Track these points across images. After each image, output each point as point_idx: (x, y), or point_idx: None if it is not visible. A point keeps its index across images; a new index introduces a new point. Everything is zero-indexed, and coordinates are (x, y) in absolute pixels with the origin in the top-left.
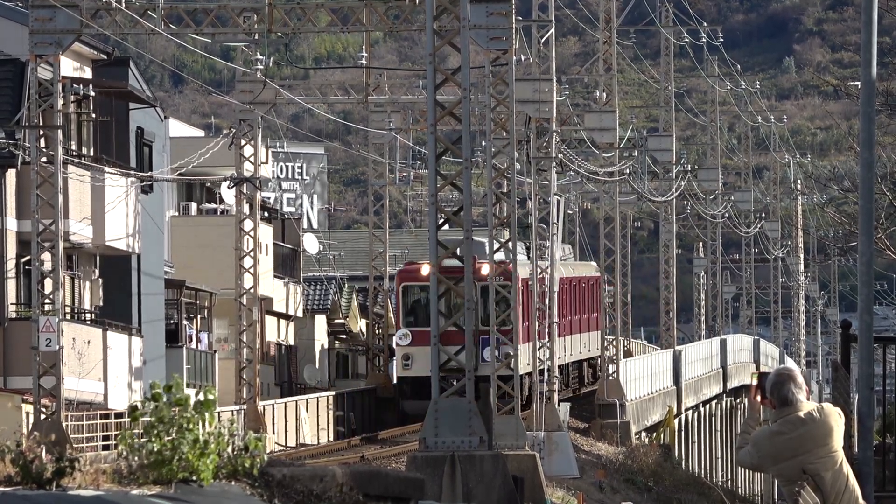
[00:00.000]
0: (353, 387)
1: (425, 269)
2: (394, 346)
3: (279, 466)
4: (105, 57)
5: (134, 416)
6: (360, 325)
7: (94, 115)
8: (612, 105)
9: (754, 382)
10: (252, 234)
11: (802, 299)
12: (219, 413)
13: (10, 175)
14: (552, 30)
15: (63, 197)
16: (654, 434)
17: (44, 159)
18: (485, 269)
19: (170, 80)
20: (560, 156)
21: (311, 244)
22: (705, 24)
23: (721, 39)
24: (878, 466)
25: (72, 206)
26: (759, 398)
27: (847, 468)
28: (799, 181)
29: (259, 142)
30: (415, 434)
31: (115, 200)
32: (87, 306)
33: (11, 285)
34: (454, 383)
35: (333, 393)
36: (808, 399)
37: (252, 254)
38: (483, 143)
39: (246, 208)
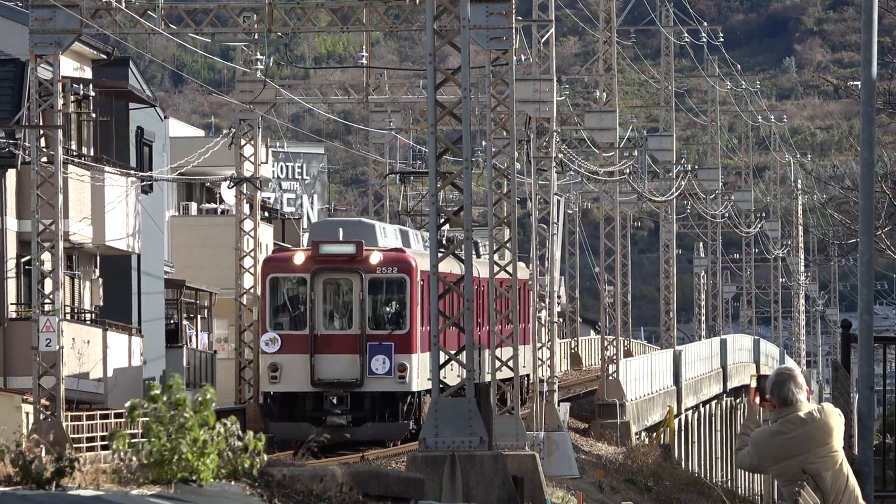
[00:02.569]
0: None
1: (299, 258)
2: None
3: (279, 466)
4: (105, 57)
5: (133, 416)
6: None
7: (94, 115)
8: (612, 105)
9: (753, 385)
10: (252, 234)
11: (802, 299)
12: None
13: (10, 175)
14: (552, 30)
15: (63, 197)
16: (654, 434)
17: (44, 159)
18: (374, 258)
19: (170, 80)
20: (560, 156)
21: None
22: (705, 23)
23: (721, 39)
24: (878, 466)
25: (72, 206)
26: (757, 400)
27: (847, 468)
28: (799, 181)
29: (259, 142)
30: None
31: (115, 200)
32: (87, 306)
33: (11, 285)
34: (334, 402)
35: None
36: (808, 399)
37: (252, 254)
38: (483, 143)
39: (246, 208)
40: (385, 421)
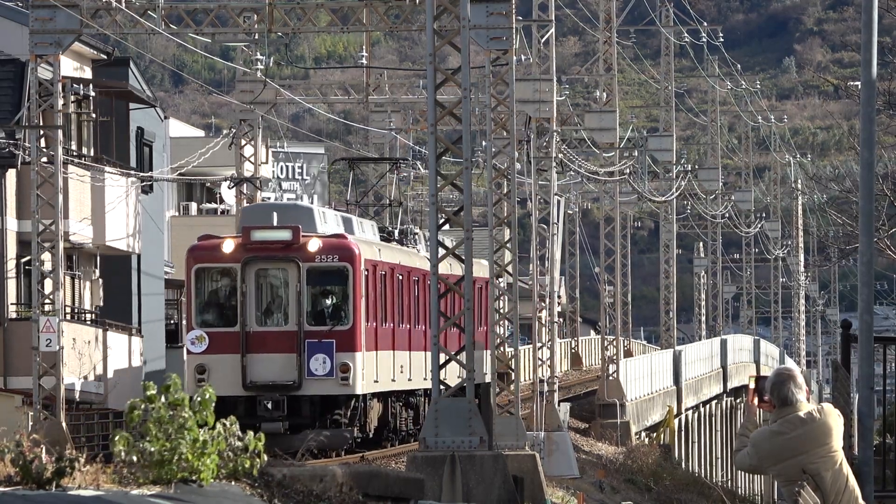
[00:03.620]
0: None
1: (228, 246)
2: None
3: (279, 466)
4: (105, 57)
5: (132, 416)
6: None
7: (94, 115)
8: (612, 105)
9: (752, 386)
10: None
11: (802, 299)
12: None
13: (10, 175)
14: (552, 30)
15: (63, 197)
16: (654, 434)
17: (44, 159)
18: (312, 245)
19: (170, 80)
20: (560, 156)
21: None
22: (705, 23)
23: (721, 39)
24: (878, 466)
25: (72, 206)
26: (756, 401)
27: (847, 468)
28: (799, 181)
29: (259, 142)
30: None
31: (115, 200)
32: (87, 306)
33: (11, 285)
34: (268, 407)
35: None
36: (808, 399)
37: None
38: (483, 143)
39: None
40: (326, 428)
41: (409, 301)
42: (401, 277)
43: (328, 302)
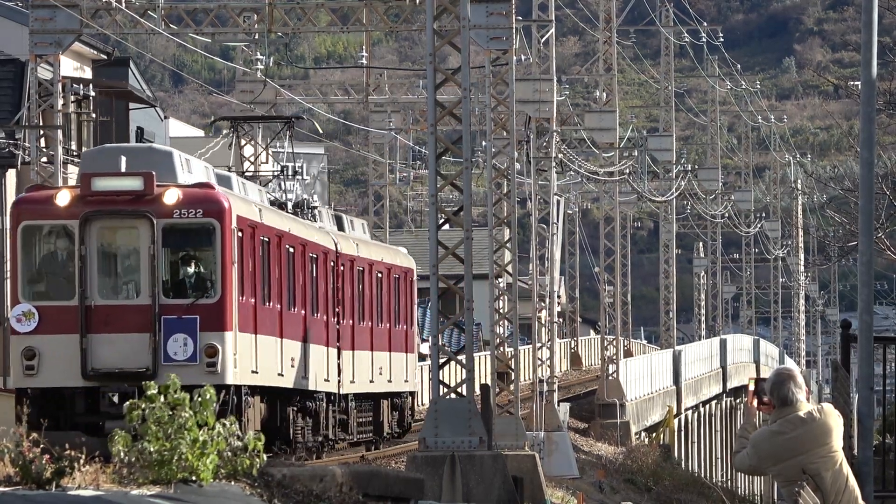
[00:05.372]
0: None
1: (63, 198)
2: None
3: (279, 466)
4: (105, 57)
5: (132, 416)
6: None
7: (94, 115)
8: (612, 105)
9: (751, 388)
10: None
11: (802, 299)
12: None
13: (10, 175)
14: (552, 30)
15: None
16: (654, 434)
17: (44, 159)
18: (170, 197)
19: (170, 80)
20: (560, 156)
21: None
22: (705, 23)
23: (721, 39)
24: (878, 466)
25: None
26: (755, 403)
27: (847, 468)
28: (799, 181)
29: (259, 142)
30: (415, 434)
31: None
32: None
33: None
34: (115, 401)
35: None
36: (807, 399)
37: None
38: (483, 143)
39: None
40: None
41: (303, 280)
42: (291, 249)
43: (190, 269)
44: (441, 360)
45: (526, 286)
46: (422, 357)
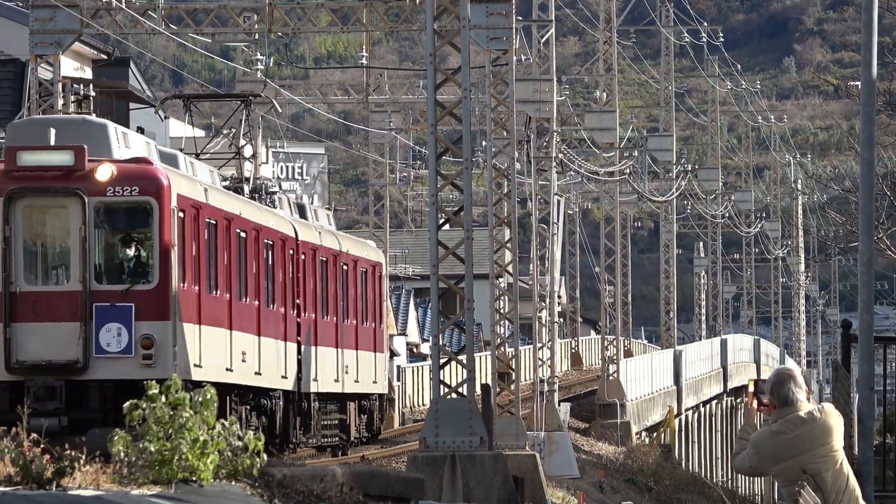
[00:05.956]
0: None
1: None
2: None
3: (279, 466)
4: (105, 57)
5: (133, 416)
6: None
7: (94, 116)
8: (612, 105)
9: (751, 389)
10: None
11: (803, 299)
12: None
13: None
14: (552, 30)
15: None
16: (655, 434)
17: None
18: (103, 173)
19: (170, 80)
20: (560, 156)
21: None
22: (705, 24)
23: (721, 39)
24: (878, 466)
25: None
26: (755, 404)
27: (847, 468)
28: (799, 181)
29: (259, 142)
30: (415, 434)
31: None
32: None
33: None
34: (41, 396)
35: None
36: (808, 399)
37: None
38: (483, 143)
39: None
40: (123, 425)
41: (257, 268)
42: (243, 234)
43: (125, 252)
44: (442, 360)
45: (526, 286)
46: (423, 357)
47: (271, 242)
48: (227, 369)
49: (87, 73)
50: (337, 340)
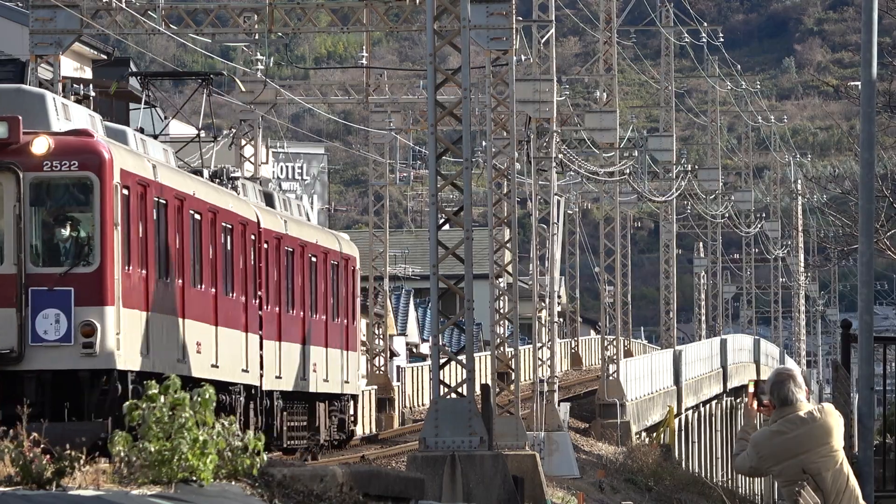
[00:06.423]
0: None
1: None
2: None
3: (279, 466)
4: (105, 57)
5: (133, 416)
6: (360, 325)
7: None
8: (612, 105)
9: (751, 389)
10: None
11: (802, 299)
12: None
13: None
14: (552, 30)
15: None
16: (655, 434)
17: None
18: (39, 146)
19: (170, 80)
20: (560, 156)
21: None
22: (705, 24)
23: (721, 39)
24: (878, 466)
25: None
26: (755, 405)
27: (847, 468)
28: (799, 181)
29: (259, 142)
30: (415, 434)
31: None
32: None
33: None
34: None
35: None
36: (808, 399)
37: None
38: (483, 143)
39: None
40: (62, 420)
41: (213, 252)
42: (198, 216)
43: (64, 231)
44: (441, 360)
45: (526, 286)
46: (422, 357)
47: (230, 226)
48: (179, 360)
49: (87, 73)
50: (304, 336)
